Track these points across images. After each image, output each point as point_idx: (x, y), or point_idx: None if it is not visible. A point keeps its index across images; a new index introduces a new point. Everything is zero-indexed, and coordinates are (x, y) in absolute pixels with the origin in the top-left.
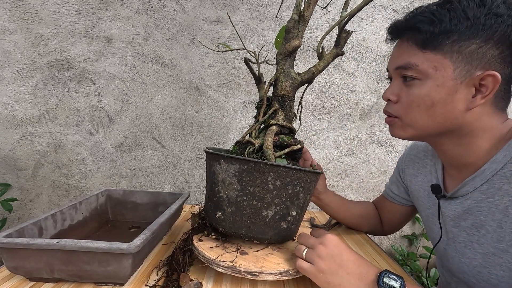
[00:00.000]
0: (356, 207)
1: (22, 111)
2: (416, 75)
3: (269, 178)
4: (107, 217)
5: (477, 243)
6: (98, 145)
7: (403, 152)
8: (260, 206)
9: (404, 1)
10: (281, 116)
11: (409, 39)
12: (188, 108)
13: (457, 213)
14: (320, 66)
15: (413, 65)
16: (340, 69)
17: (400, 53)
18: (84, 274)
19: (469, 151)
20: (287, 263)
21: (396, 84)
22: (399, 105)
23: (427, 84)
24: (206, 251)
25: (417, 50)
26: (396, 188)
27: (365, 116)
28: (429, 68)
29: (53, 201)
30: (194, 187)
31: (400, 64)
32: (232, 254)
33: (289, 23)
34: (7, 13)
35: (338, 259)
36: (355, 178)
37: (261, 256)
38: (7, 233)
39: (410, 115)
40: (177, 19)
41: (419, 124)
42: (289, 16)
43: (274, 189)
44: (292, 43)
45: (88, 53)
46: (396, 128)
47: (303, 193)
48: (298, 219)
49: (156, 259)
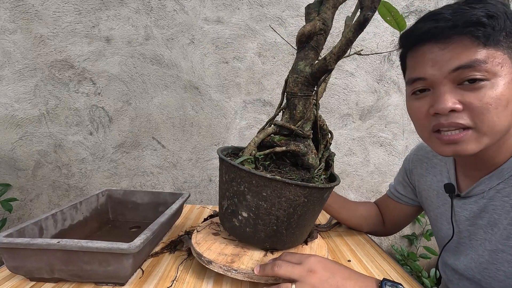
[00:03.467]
0: (358, 208)
1: (22, 111)
2: (484, 75)
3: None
4: (107, 217)
5: (488, 241)
6: (98, 145)
7: (410, 153)
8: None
9: (404, 1)
10: (286, 115)
11: (468, 36)
12: (188, 108)
13: (473, 212)
14: (335, 49)
15: (482, 62)
16: (340, 69)
17: (454, 54)
18: (85, 274)
19: (499, 151)
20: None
21: (449, 90)
22: (470, 112)
23: (499, 83)
24: (206, 253)
25: (481, 46)
26: (402, 188)
27: (365, 116)
28: (495, 65)
29: (53, 201)
30: (194, 187)
31: (460, 64)
32: (233, 255)
33: (310, 5)
34: (7, 13)
35: (333, 282)
36: (355, 178)
37: None
38: (8, 233)
39: (487, 120)
40: (177, 19)
41: (497, 129)
42: (288, 16)
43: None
44: (303, 28)
45: (88, 53)
46: (465, 143)
47: (250, 194)
48: (251, 221)
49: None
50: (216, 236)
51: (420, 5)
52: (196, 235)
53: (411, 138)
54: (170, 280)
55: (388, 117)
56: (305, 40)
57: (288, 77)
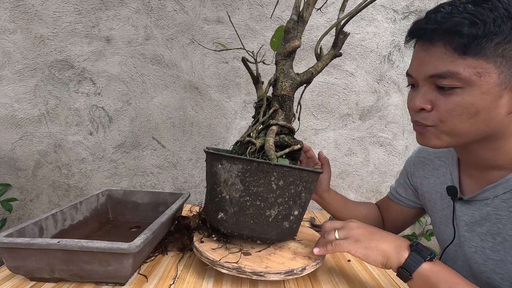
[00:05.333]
0: (359, 208)
1: (22, 111)
2: (457, 84)
3: (272, 178)
4: (107, 217)
5: (491, 250)
6: (98, 145)
7: (411, 155)
8: (264, 206)
9: (404, 1)
10: (281, 116)
11: (445, 43)
12: (188, 108)
13: (474, 218)
14: (319, 66)
15: (454, 74)
16: (340, 69)
17: (433, 59)
18: (85, 274)
19: (497, 154)
20: (291, 262)
21: (426, 91)
22: (434, 113)
23: (471, 92)
24: (209, 253)
25: (456, 56)
26: (403, 191)
27: (365, 116)
28: (472, 75)
29: (53, 201)
30: (194, 187)
31: (435, 73)
32: (236, 255)
33: (289, 23)
34: (7, 13)
35: (368, 228)
36: (355, 178)
37: (265, 256)
38: (8, 233)
39: (449, 123)
40: (177, 19)
41: (458, 131)
42: (288, 16)
43: (277, 189)
44: (292, 43)
45: (88, 53)
46: (427, 137)
47: (304, 193)
48: (299, 218)
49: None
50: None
51: (420, 5)
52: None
53: (411, 138)
54: (171, 278)
55: (388, 117)
56: (291, 51)
57: (280, 81)
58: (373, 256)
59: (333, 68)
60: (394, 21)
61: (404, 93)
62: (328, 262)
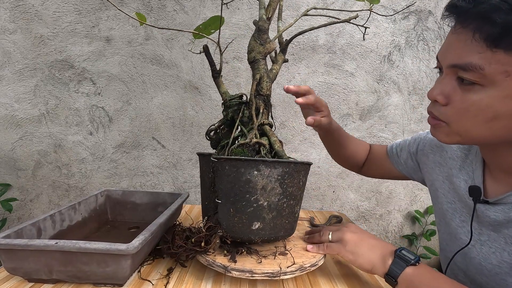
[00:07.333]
0: (353, 147)
1: (22, 111)
2: (478, 80)
3: (300, 176)
4: (106, 217)
5: (508, 253)
6: (98, 145)
7: (430, 136)
8: (294, 204)
9: (404, 1)
10: (266, 115)
11: (475, 30)
12: (188, 108)
13: (499, 219)
14: (278, 68)
15: (476, 68)
16: (340, 69)
17: (459, 46)
18: (83, 275)
19: None
20: (302, 258)
21: (447, 82)
22: (448, 109)
23: (491, 93)
24: (220, 260)
25: (485, 47)
26: (404, 158)
27: (365, 116)
28: (497, 73)
29: (53, 201)
30: (194, 187)
31: (457, 63)
32: (248, 259)
33: (264, 23)
34: (7, 13)
35: (360, 235)
36: (355, 178)
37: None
38: (6, 234)
39: (462, 123)
40: (177, 19)
41: (471, 134)
42: (289, 16)
43: (302, 185)
44: (272, 45)
45: (88, 53)
46: (439, 132)
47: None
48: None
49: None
50: None
51: (420, 5)
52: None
53: None
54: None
55: (388, 117)
56: (269, 52)
57: (265, 81)
58: (359, 262)
59: (333, 68)
60: (394, 21)
61: (404, 93)
62: (328, 262)
